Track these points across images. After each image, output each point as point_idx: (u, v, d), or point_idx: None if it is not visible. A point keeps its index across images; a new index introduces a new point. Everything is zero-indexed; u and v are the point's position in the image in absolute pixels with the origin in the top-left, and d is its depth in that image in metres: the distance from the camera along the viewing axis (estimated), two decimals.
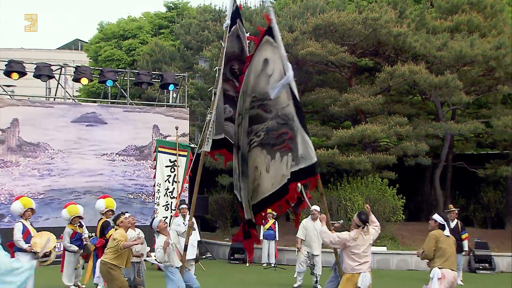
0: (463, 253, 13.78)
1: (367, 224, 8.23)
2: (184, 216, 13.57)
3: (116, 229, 9.81)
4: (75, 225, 12.20)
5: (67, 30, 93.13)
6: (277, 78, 7.26)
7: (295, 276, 13.21)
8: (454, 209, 14.02)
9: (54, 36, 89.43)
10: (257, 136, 7.85)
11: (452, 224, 13.47)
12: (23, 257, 10.41)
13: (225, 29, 8.29)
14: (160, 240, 9.46)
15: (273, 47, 7.46)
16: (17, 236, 10.91)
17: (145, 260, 11.36)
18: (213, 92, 8.22)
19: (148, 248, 11.99)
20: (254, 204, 8.06)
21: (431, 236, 8.51)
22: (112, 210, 12.15)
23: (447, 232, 8.54)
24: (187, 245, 9.10)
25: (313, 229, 12.54)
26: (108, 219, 11.85)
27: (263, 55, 7.64)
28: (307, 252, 12.72)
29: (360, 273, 8.02)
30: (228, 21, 8.21)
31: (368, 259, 8.19)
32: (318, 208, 12.59)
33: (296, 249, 13.23)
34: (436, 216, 8.72)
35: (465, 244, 13.73)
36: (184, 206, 14.10)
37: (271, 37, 7.47)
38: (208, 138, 8.11)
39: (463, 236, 13.68)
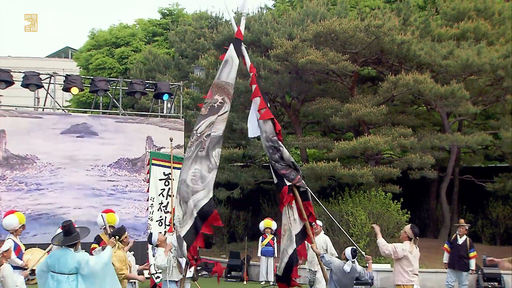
0: (470, 271, 13.10)
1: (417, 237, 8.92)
2: None
3: (115, 248, 8.66)
4: None
5: (57, 37, 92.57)
6: None
7: None
8: (464, 224, 13.42)
9: (43, 43, 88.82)
10: None
11: (460, 241, 13.08)
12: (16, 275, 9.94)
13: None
14: (160, 251, 9.49)
15: None
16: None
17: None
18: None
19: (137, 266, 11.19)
20: None
21: None
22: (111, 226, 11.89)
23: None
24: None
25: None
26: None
27: None
28: (309, 269, 12.20)
29: (413, 285, 8.82)
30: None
31: (417, 272, 8.94)
32: (320, 223, 12.34)
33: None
34: None
35: (472, 263, 13.06)
36: None
37: None
38: None
39: (471, 255, 13.06)
